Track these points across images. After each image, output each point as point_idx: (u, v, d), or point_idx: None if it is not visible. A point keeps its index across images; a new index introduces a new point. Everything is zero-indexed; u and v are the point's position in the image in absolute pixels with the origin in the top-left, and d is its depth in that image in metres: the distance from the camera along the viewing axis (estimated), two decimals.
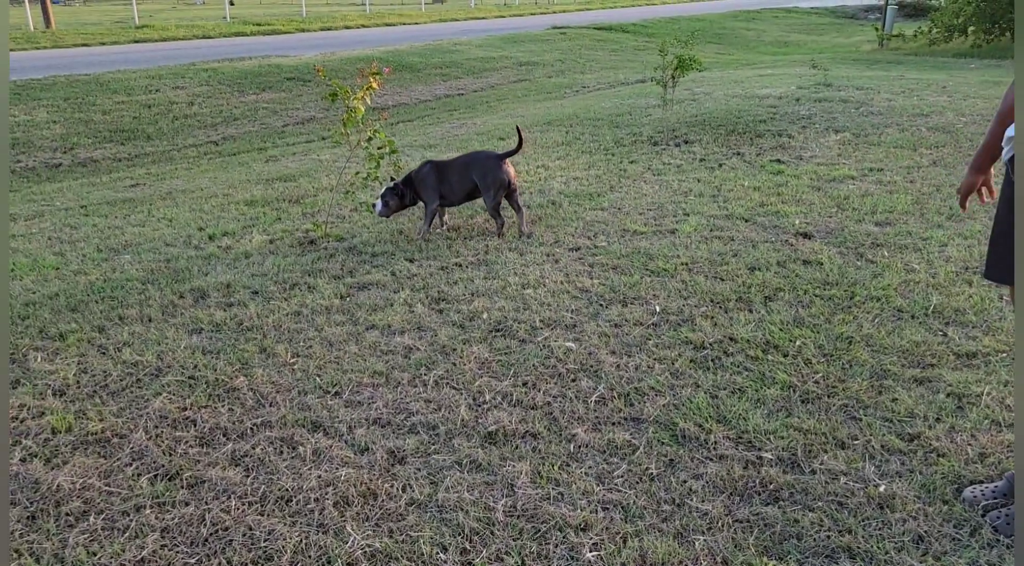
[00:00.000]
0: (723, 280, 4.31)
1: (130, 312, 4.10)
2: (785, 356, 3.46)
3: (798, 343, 3.56)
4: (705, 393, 3.18)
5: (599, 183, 6.49)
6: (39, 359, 3.58)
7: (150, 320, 4.02)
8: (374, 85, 5.09)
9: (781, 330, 3.69)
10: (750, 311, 3.92)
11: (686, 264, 4.54)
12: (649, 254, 4.72)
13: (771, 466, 2.72)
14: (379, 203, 5.25)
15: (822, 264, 4.46)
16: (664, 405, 3.11)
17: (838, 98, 9.71)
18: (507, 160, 5.15)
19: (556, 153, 7.79)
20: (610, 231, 5.20)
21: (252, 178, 7.79)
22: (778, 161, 6.94)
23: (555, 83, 16.63)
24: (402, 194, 5.24)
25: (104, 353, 3.65)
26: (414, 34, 23.83)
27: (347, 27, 26.70)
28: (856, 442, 2.84)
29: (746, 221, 5.29)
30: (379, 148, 5.27)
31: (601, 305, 4.06)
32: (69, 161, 10.39)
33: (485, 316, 3.94)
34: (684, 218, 5.41)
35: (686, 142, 7.92)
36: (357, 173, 5.77)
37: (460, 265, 4.70)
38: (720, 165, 6.94)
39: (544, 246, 4.97)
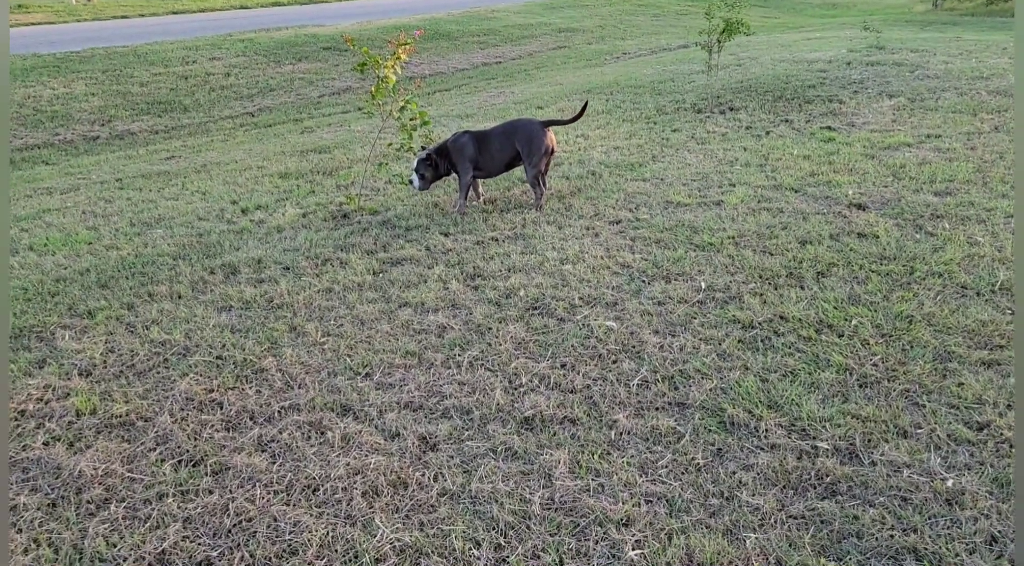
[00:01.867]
0: (772, 255, 4.08)
1: (160, 289, 4.02)
2: (840, 336, 3.25)
3: (854, 322, 3.34)
4: (755, 376, 2.99)
5: (641, 153, 6.25)
6: (67, 338, 3.52)
7: (180, 297, 3.94)
8: (402, 55, 4.91)
9: (835, 308, 3.47)
10: (801, 288, 3.70)
11: (733, 238, 4.32)
12: (693, 227, 4.50)
13: (827, 457, 2.53)
14: (415, 177, 5.08)
15: (878, 237, 4.21)
16: (711, 389, 2.93)
17: (891, 61, 9.27)
18: (550, 128, 4.99)
19: (596, 122, 7.54)
20: (652, 203, 4.99)
21: (287, 150, 7.69)
22: (829, 128, 6.61)
23: (595, 50, 16.23)
24: (436, 164, 5.06)
25: (132, 331, 3.58)
26: (452, 1, 23.46)
27: None
28: (919, 431, 2.64)
29: (796, 192, 5.03)
30: (411, 119, 5.10)
31: (643, 281, 3.87)
32: (107, 134, 10.40)
33: (522, 293, 3.78)
34: (730, 189, 5.17)
35: (731, 109, 7.61)
36: (390, 144, 5.63)
37: (496, 239, 4.53)
38: (767, 133, 6.64)
39: (584, 219, 4.78)
